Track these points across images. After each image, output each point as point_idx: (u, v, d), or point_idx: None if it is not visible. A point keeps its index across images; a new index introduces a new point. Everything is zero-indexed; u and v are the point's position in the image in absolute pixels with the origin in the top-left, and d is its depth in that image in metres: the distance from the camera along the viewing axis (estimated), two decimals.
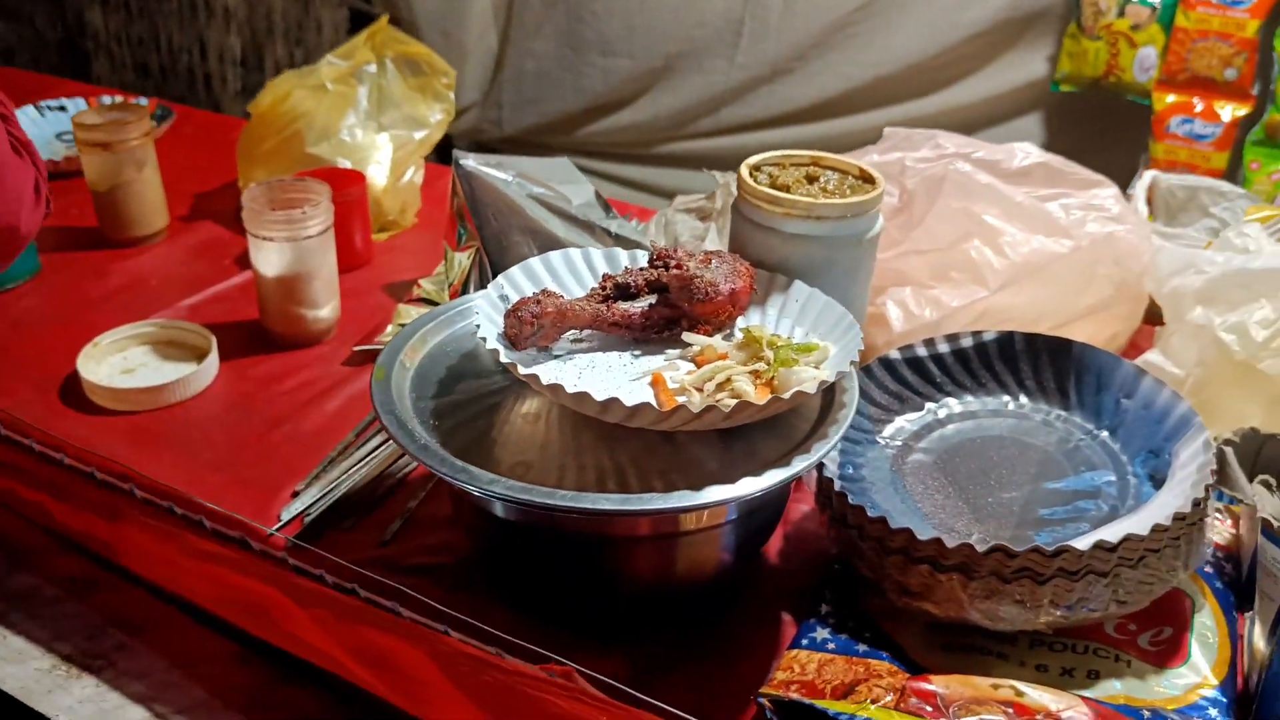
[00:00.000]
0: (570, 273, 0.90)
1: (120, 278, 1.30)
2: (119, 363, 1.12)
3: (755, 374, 0.80)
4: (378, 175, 1.38)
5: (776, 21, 2.57)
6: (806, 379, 0.77)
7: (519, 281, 0.87)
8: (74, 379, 1.08)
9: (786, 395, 0.74)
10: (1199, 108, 2.15)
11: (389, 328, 1.20)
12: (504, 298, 0.85)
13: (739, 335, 0.85)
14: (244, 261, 1.16)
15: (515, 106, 3.01)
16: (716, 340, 0.84)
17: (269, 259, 1.12)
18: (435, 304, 1.20)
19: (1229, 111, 2.13)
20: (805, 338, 0.86)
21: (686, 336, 0.84)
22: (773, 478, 0.73)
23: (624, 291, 0.87)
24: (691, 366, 0.83)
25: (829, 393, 0.83)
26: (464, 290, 1.15)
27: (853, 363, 0.79)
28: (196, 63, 3.35)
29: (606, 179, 2.88)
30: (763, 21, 2.58)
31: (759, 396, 0.76)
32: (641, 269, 0.89)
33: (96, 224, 1.36)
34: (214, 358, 1.11)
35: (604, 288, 0.87)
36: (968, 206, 1.04)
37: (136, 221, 1.34)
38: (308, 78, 1.37)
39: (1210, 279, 0.99)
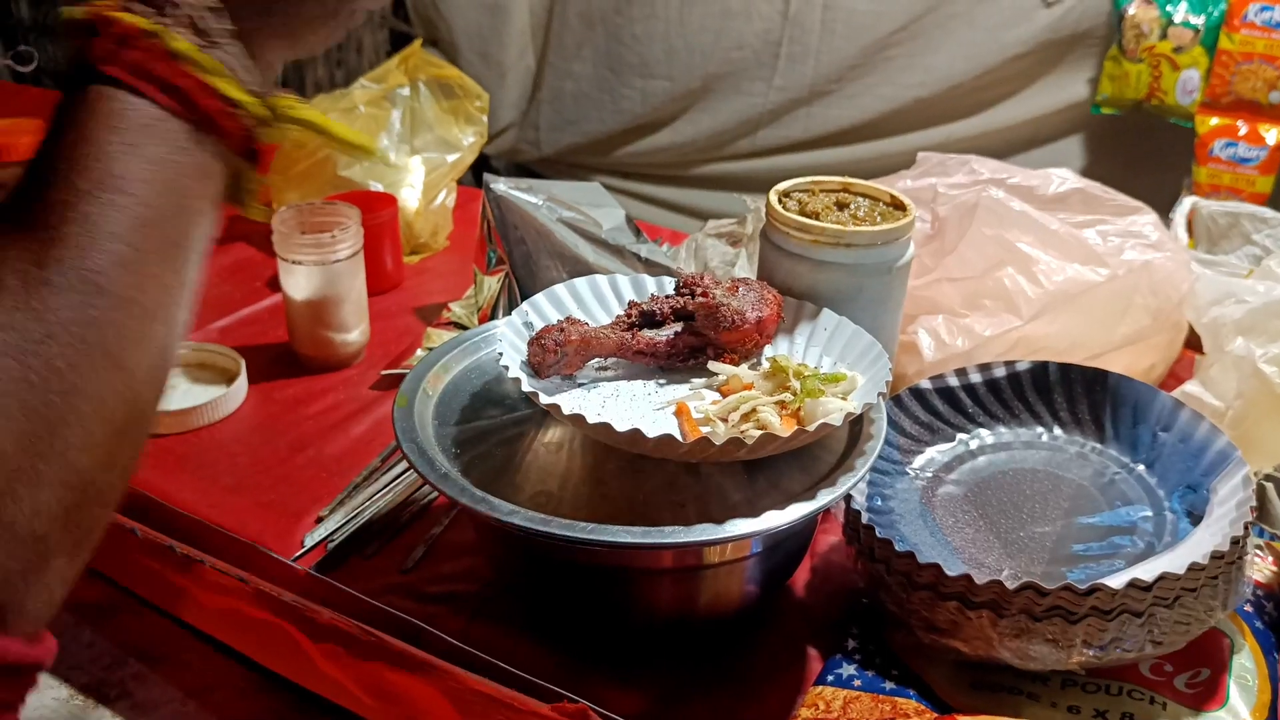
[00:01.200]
0: (596, 299, 0.89)
1: None
2: None
3: (781, 404, 0.78)
4: (410, 198, 1.39)
5: (815, 44, 2.56)
6: (833, 410, 0.76)
7: (544, 308, 0.87)
8: None
9: (812, 427, 0.73)
10: (1243, 131, 2.12)
11: (418, 351, 1.20)
12: (528, 325, 0.85)
13: (766, 364, 0.83)
14: (276, 284, 1.16)
15: (553, 127, 3.02)
16: (743, 369, 0.83)
17: (298, 282, 1.12)
18: (465, 328, 1.20)
19: (1274, 135, 2.09)
20: (834, 367, 0.85)
21: (712, 365, 0.83)
22: (796, 511, 0.72)
23: (649, 319, 0.86)
24: (717, 396, 0.81)
25: (857, 423, 0.82)
26: (493, 314, 1.15)
27: (880, 394, 0.78)
28: None
29: (643, 200, 2.88)
30: (801, 44, 2.58)
31: (784, 428, 0.75)
32: (668, 296, 0.88)
33: None
34: (243, 381, 1.11)
35: (629, 315, 0.86)
36: (1001, 234, 1.03)
37: None
38: (340, 101, 1.38)
39: (1251, 309, 0.97)
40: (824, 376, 0.81)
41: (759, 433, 0.72)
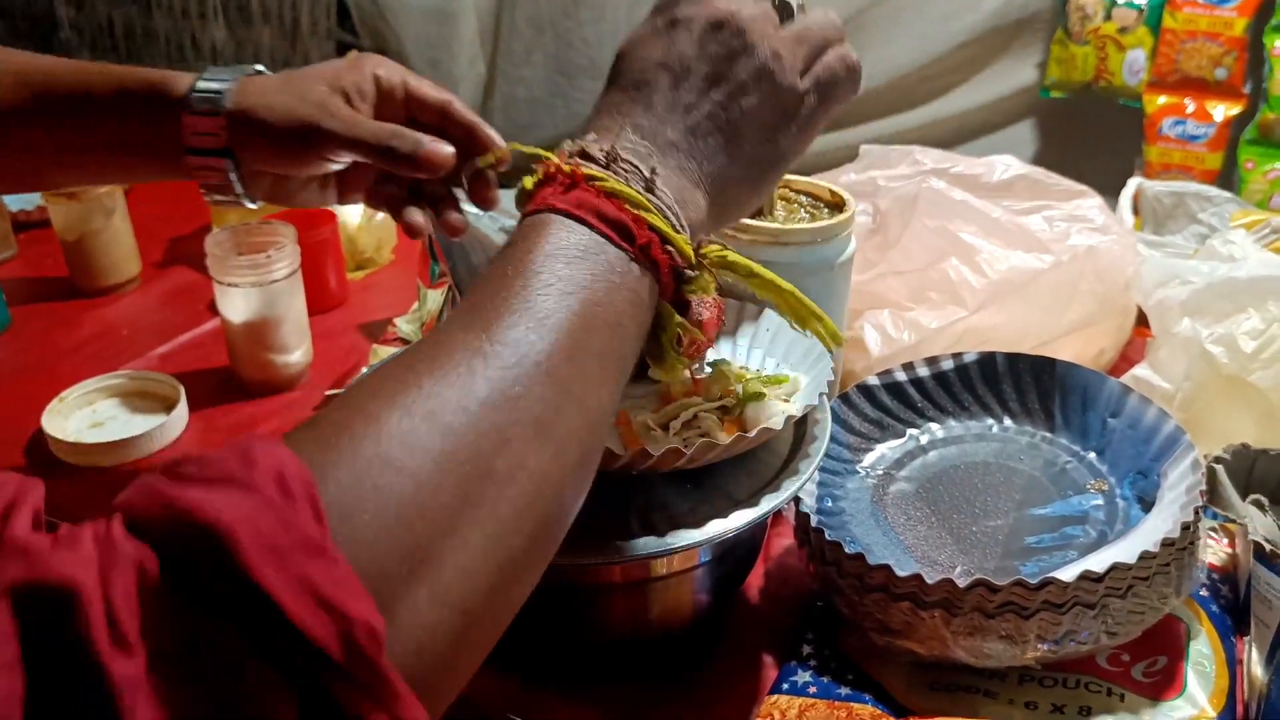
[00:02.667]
0: None
1: (91, 328, 1.28)
2: (87, 416, 1.10)
3: (723, 410, 0.77)
4: (351, 213, 1.36)
5: None
6: (775, 414, 0.75)
7: None
8: (41, 435, 1.06)
9: (752, 433, 0.71)
10: (1190, 108, 2.12)
11: (363, 370, 1.17)
12: None
13: (709, 369, 0.82)
14: (216, 307, 1.14)
15: (507, 134, 2.96)
16: (685, 375, 0.81)
17: (236, 305, 1.10)
18: (411, 343, 1.18)
19: (1221, 111, 2.10)
20: (777, 369, 0.84)
21: (653, 373, 0.82)
22: (741, 519, 0.71)
23: None
24: (659, 403, 0.80)
25: (802, 425, 0.80)
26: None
27: (823, 394, 0.76)
28: None
29: None
30: None
31: (724, 435, 0.73)
32: None
33: (67, 274, 1.34)
34: (183, 408, 1.09)
35: None
36: (943, 224, 1.02)
37: (106, 270, 1.32)
38: None
39: (1196, 290, 0.96)
40: (766, 379, 0.79)
41: (699, 441, 0.71)
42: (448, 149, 0.76)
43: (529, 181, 0.60)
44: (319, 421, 0.46)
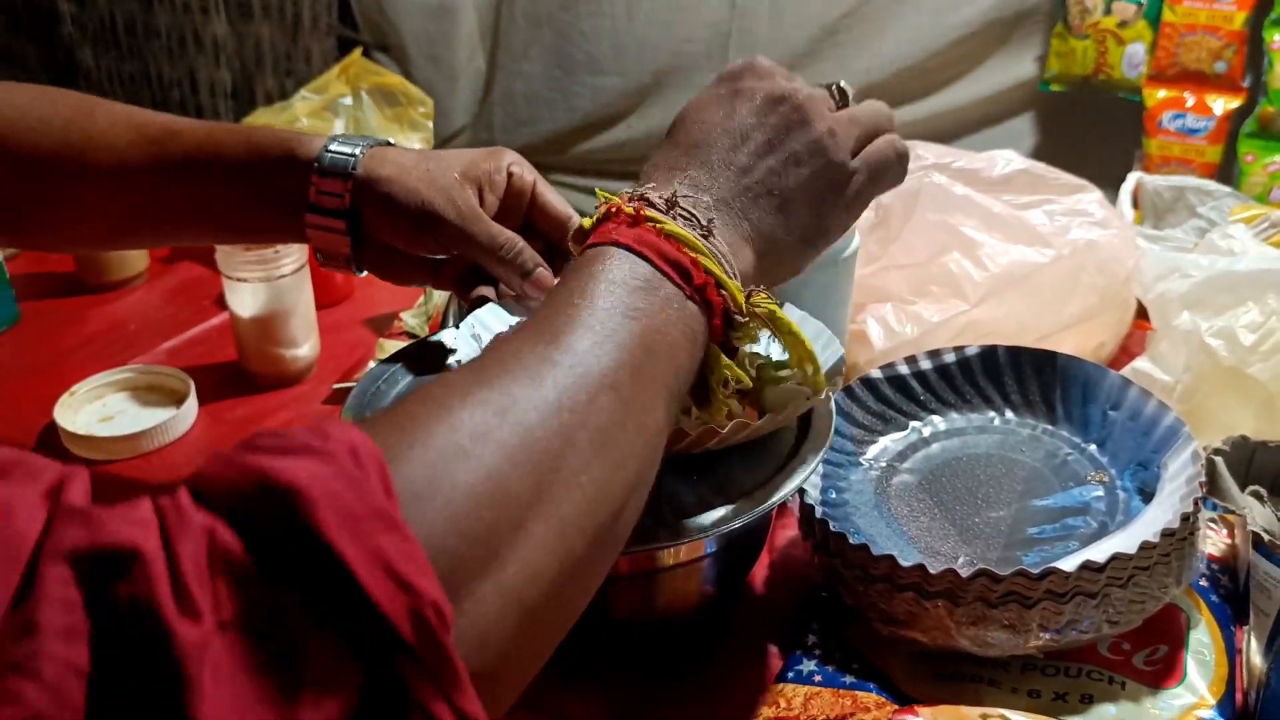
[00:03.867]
0: None
1: (99, 323, 1.29)
2: (97, 410, 1.11)
3: (739, 394, 0.77)
4: None
5: (765, 32, 2.56)
6: (793, 397, 0.75)
7: (488, 321, 0.86)
8: (51, 429, 1.07)
9: (764, 417, 0.72)
10: (1190, 102, 2.13)
11: (370, 363, 1.18)
12: (476, 337, 0.84)
13: None
14: (224, 302, 1.15)
15: (507, 128, 3.01)
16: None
17: (244, 300, 1.11)
18: (417, 338, 1.18)
19: (1221, 105, 2.11)
20: (784, 354, 0.84)
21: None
22: (748, 510, 0.72)
23: None
24: None
25: (807, 417, 0.81)
26: (443, 323, 1.14)
27: (834, 380, 0.77)
28: (188, 97, 3.35)
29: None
30: (750, 33, 2.57)
31: (748, 418, 0.74)
32: None
33: (74, 269, 1.35)
34: (192, 402, 1.10)
35: None
36: (944, 219, 1.03)
37: (114, 265, 1.33)
38: (282, 113, 1.36)
39: (1196, 283, 0.97)
40: (777, 363, 0.80)
41: (730, 422, 0.72)
42: (553, 282, 0.76)
43: (588, 221, 0.62)
44: (392, 410, 0.47)
